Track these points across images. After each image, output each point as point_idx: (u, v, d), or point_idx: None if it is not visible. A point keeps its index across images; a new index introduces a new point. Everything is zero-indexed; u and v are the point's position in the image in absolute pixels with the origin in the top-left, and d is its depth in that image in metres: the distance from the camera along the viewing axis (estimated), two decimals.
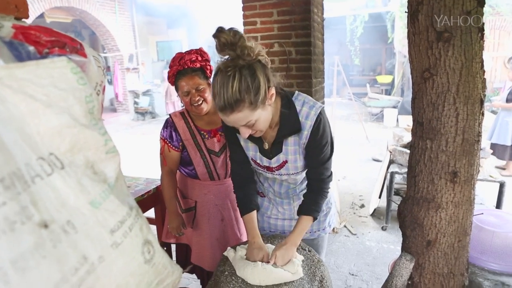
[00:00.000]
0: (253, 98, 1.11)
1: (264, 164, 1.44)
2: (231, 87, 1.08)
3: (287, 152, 1.38)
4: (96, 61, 0.67)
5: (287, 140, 1.36)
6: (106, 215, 0.55)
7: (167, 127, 1.82)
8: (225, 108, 1.11)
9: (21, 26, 0.58)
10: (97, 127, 0.58)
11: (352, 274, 2.82)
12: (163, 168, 1.87)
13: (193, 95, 1.68)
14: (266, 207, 1.65)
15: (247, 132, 1.21)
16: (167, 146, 1.81)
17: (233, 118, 1.13)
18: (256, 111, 1.14)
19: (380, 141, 7.06)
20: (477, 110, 1.18)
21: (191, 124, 1.81)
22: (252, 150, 1.44)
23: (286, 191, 1.56)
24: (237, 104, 1.10)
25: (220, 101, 1.11)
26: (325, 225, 1.66)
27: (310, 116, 1.29)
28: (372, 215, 3.85)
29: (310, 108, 1.30)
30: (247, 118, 1.14)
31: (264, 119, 1.21)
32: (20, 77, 0.48)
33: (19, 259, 0.43)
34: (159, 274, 0.66)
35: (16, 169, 0.45)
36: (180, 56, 1.69)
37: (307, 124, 1.30)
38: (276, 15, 3.01)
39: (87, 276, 0.50)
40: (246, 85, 1.09)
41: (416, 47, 1.21)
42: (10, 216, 0.42)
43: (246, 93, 1.09)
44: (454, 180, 1.21)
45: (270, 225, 1.67)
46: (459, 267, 1.30)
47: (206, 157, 1.81)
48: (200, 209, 1.91)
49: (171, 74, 1.72)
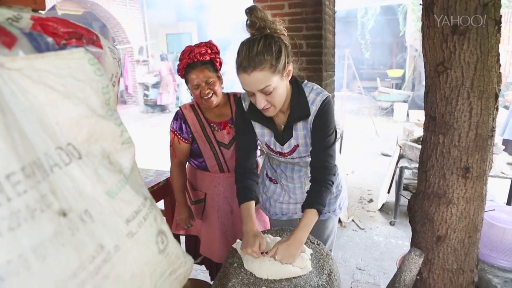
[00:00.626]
0: (274, 62, 1.18)
1: (277, 150, 1.50)
2: (256, 47, 1.17)
3: (297, 136, 1.44)
4: (112, 52, 0.68)
5: (297, 125, 1.42)
6: (122, 204, 0.56)
7: (177, 119, 1.83)
8: (248, 66, 1.17)
9: (39, 17, 0.59)
10: (113, 117, 0.59)
11: (359, 268, 2.82)
12: (173, 160, 1.88)
13: (203, 88, 1.68)
14: (279, 193, 1.70)
15: (263, 101, 1.24)
16: (177, 138, 1.82)
17: (254, 77, 1.18)
18: (275, 77, 1.20)
19: (389, 136, 7.01)
20: (492, 105, 1.16)
21: (201, 116, 1.82)
22: (267, 136, 1.49)
23: (298, 175, 1.61)
24: (260, 62, 1.16)
25: (244, 58, 1.17)
26: (335, 207, 1.70)
27: (316, 102, 1.36)
28: (380, 210, 3.84)
29: (317, 95, 1.37)
30: (266, 81, 1.19)
31: (280, 93, 1.26)
32: (40, 68, 0.49)
33: (40, 246, 0.44)
34: (172, 264, 0.67)
35: (36, 158, 0.46)
36: (189, 50, 1.69)
37: (313, 109, 1.36)
38: (287, 7, 2.99)
39: (103, 264, 0.51)
40: (270, 48, 1.18)
41: (430, 40, 1.19)
42: (31, 204, 0.44)
43: (268, 54, 1.17)
44: (466, 176, 1.20)
45: (282, 209, 1.72)
46: (469, 263, 1.29)
47: (216, 149, 1.82)
48: (209, 201, 1.92)
49: (181, 67, 1.73)
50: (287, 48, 1.24)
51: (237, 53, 1.22)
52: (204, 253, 1.98)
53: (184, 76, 1.75)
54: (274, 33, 1.22)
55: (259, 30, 1.21)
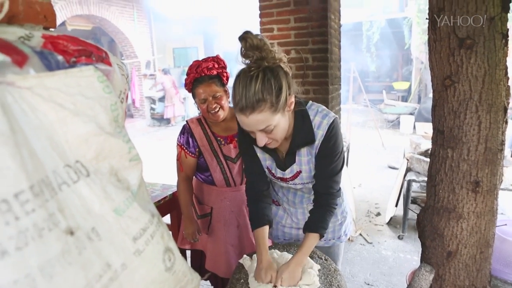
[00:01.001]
0: (275, 100, 1.09)
1: (278, 176, 1.43)
2: (253, 86, 1.06)
3: (300, 162, 1.36)
4: (120, 69, 0.68)
5: (300, 151, 1.34)
6: (129, 222, 0.55)
7: (184, 133, 1.84)
8: (246, 107, 1.08)
9: (50, 35, 0.60)
10: (121, 135, 0.59)
11: (367, 283, 2.77)
12: (180, 174, 1.88)
13: (210, 102, 1.69)
14: (281, 216, 1.64)
15: (263, 140, 1.17)
16: (184, 152, 1.82)
17: (252, 119, 1.10)
18: (276, 115, 1.12)
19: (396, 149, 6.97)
20: (501, 118, 1.15)
21: (208, 131, 1.83)
22: (268, 160, 1.42)
23: (300, 200, 1.55)
24: (258, 104, 1.07)
25: (241, 100, 1.08)
26: (340, 233, 1.63)
27: (322, 126, 1.27)
28: (388, 224, 3.79)
29: (323, 118, 1.28)
30: (267, 121, 1.11)
31: (282, 127, 1.18)
32: (50, 86, 0.50)
33: (47, 265, 0.43)
34: (179, 281, 0.66)
35: (45, 176, 0.46)
36: (197, 64, 1.70)
37: (319, 133, 1.28)
38: (293, 21, 3.02)
39: (110, 283, 0.51)
40: (269, 85, 1.07)
41: (437, 54, 1.19)
42: (38, 223, 0.43)
43: (268, 94, 1.07)
44: (476, 190, 1.18)
45: (285, 234, 1.66)
46: (481, 280, 1.26)
47: (223, 163, 1.81)
48: (216, 215, 1.91)
49: (188, 81, 1.74)
50: (288, 78, 1.14)
51: (233, 88, 1.12)
52: (210, 268, 1.95)
53: (191, 90, 1.76)
54: (273, 63, 1.11)
55: (256, 62, 1.10)
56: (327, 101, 3.08)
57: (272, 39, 3.14)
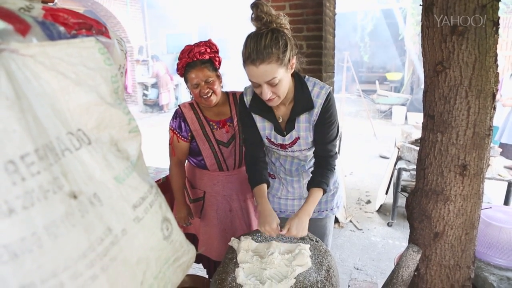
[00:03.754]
0: (281, 55, 1.23)
1: (278, 142, 1.55)
2: (264, 40, 1.22)
3: (299, 129, 1.49)
4: (119, 44, 0.69)
5: (299, 117, 1.47)
6: (129, 190, 0.57)
7: (176, 118, 1.84)
8: (256, 58, 1.22)
9: (50, 8, 0.61)
10: (122, 106, 0.60)
11: (357, 268, 2.84)
12: (172, 159, 1.89)
13: (203, 87, 1.69)
14: (277, 188, 1.74)
15: (269, 92, 1.29)
16: (176, 136, 1.83)
17: (262, 69, 1.23)
18: (281, 69, 1.26)
19: (388, 138, 7.04)
20: (489, 104, 1.18)
21: (200, 115, 1.83)
22: (268, 129, 1.55)
23: (296, 168, 1.66)
24: (268, 55, 1.21)
25: (253, 51, 1.22)
26: (333, 205, 1.73)
27: (321, 95, 1.42)
28: (378, 211, 3.86)
29: (320, 88, 1.44)
30: (273, 73, 1.24)
31: (285, 84, 1.32)
32: (52, 55, 0.51)
33: (52, 225, 0.45)
34: (176, 251, 0.68)
35: (49, 141, 0.48)
36: (189, 49, 1.71)
37: (318, 102, 1.42)
38: (288, 8, 3.01)
39: (111, 247, 0.53)
40: (277, 42, 1.23)
41: (429, 41, 1.21)
42: (43, 185, 0.45)
43: (275, 48, 1.22)
44: (463, 173, 1.22)
45: (280, 205, 1.75)
46: (466, 260, 1.31)
47: (215, 148, 1.83)
48: (208, 199, 1.93)
49: (180, 66, 1.74)
50: (291, 42, 1.29)
51: (244, 46, 1.26)
52: (203, 252, 1.98)
53: (183, 75, 1.76)
54: (280, 27, 1.27)
55: (266, 25, 1.25)
56: None
57: None
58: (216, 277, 1.35)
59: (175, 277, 0.69)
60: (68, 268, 0.47)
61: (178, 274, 0.70)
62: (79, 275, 0.48)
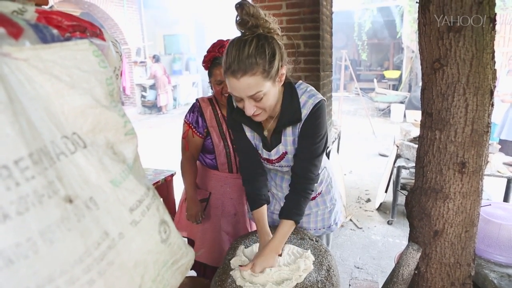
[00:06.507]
0: (267, 66, 1.07)
1: (265, 156, 1.41)
2: (247, 49, 1.04)
3: (286, 143, 1.33)
4: (114, 46, 0.69)
5: (286, 130, 1.31)
6: (125, 193, 0.57)
7: (194, 111, 1.78)
8: (238, 70, 1.05)
9: (43, 10, 0.60)
10: (117, 109, 0.60)
11: (357, 267, 2.84)
12: (185, 154, 1.81)
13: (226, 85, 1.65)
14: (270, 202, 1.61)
15: (252, 108, 1.13)
16: (192, 131, 1.77)
17: (244, 82, 1.06)
18: (267, 83, 1.09)
19: (386, 137, 7.04)
20: (487, 101, 1.18)
21: (219, 112, 1.78)
22: (256, 140, 1.40)
23: (287, 185, 1.48)
24: (251, 66, 1.04)
25: (234, 62, 1.05)
26: (330, 222, 1.62)
27: (307, 105, 1.25)
28: (378, 210, 3.86)
29: (309, 97, 1.26)
30: (257, 87, 1.08)
31: (272, 98, 1.15)
32: (46, 58, 0.50)
33: (47, 230, 0.45)
34: (174, 254, 0.68)
35: (43, 146, 0.47)
36: (220, 44, 1.67)
37: (303, 112, 1.25)
38: (285, 7, 3.01)
39: (108, 251, 0.52)
40: (263, 50, 1.06)
41: (426, 38, 1.21)
42: (38, 190, 0.45)
43: (261, 58, 1.05)
44: (462, 171, 1.22)
45: (274, 220, 1.63)
46: (466, 258, 1.31)
47: (229, 147, 1.78)
48: (213, 201, 1.88)
49: (207, 59, 1.69)
50: (281, 50, 1.13)
51: (225, 53, 1.09)
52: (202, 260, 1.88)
53: (208, 68, 1.71)
54: (268, 32, 1.10)
55: (251, 29, 1.08)
56: (318, 87, 3.09)
57: None
58: (216, 278, 1.34)
59: (174, 280, 0.69)
60: (64, 273, 0.46)
61: (177, 276, 0.70)
62: (76, 280, 0.47)
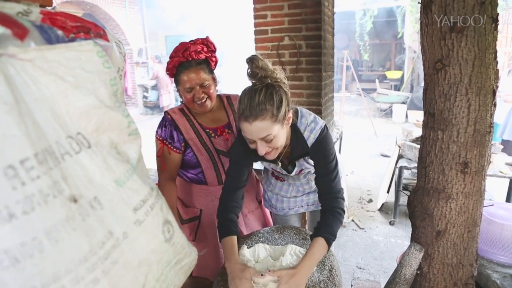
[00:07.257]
0: (276, 111, 1.20)
1: (284, 173, 1.60)
2: (258, 97, 1.18)
3: (300, 164, 1.54)
4: (118, 47, 0.69)
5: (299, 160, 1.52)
6: (129, 193, 0.57)
7: (166, 126, 1.59)
8: (250, 115, 1.18)
9: (48, 12, 0.61)
10: (121, 109, 0.60)
11: (359, 267, 2.83)
12: (162, 174, 1.60)
13: (197, 91, 1.50)
14: (286, 189, 1.74)
15: (264, 148, 1.25)
16: (167, 148, 1.58)
17: (255, 126, 1.19)
18: (276, 126, 1.22)
19: (388, 137, 7.04)
20: (489, 101, 1.18)
21: (194, 122, 1.61)
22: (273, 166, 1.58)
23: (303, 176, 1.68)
24: (261, 112, 1.18)
25: (246, 108, 1.19)
26: None
27: (310, 139, 1.39)
28: (380, 210, 3.86)
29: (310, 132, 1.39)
30: (268, 130, 1.20)
31: (282, 138, 1.28)
32: (51, 59, 0.51)
33: (52, 230, 0.45)
34: (178, 253, 0.68)
35: (48, 146, 0.48)
36: (184, 47, 1.50)
37: (311, 137, 1.39)
38: (287, 8, 3.01)
39: (112, 250, 0.53)
40: (271, 98, 1.19)
41: (428, 38, 1.21)
42: (44, 189, 0.45)
43: (270, 105, 1.19)
44: (464, 171, 1.21)
45: (290, 203, 1.76)
46: (468, 258, 1.31)
47: (215, 158, 1.62)
48: (205, 218, 1.71)
49: (171, 66, 1.53)
50: (287, 96, 1.26)
51: (238, 101, 1.23)
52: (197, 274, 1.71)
53: (174, 76, 1.55)
54: (275, 82, 1.23)
55: (261, 80, 1.22)
56: (320, 87, 3.09)
57: (266, 26, 3.14)
58: (219, 278, 1.34)
59: (177, 279, 0.69)
60: (69, 272, 0.47)
61: (180, 276, 0.70)
62: (80, 279, 0.48)
